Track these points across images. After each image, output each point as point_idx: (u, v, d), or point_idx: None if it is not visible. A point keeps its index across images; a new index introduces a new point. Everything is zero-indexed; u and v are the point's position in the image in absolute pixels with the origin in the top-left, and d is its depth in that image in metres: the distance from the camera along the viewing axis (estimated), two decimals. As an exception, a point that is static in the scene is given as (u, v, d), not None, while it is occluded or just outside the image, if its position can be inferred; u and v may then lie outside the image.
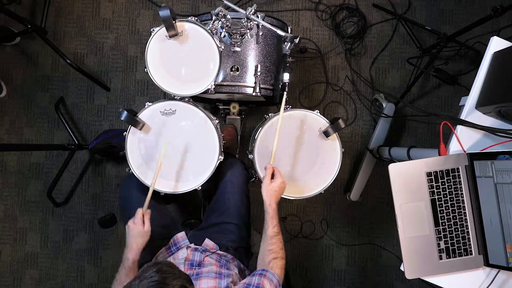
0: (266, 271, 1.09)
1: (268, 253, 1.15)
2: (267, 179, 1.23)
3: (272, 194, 1.21)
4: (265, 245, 1.17)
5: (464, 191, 1.16)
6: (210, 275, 1.09)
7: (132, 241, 1.18)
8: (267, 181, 1.22)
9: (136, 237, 1.18)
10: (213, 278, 1.08)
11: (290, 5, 2.17)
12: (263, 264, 1.15)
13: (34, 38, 2.10)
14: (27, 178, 2.13)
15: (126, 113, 1.25)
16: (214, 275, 1.10)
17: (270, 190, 1.21)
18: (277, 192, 1.22)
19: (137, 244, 1.18)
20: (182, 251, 1.25)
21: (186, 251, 1.24)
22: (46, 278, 2.13)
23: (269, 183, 1.22)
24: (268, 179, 1.23)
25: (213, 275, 1.10)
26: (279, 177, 1.23)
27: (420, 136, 2.16)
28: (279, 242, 1.18)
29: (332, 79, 2.16)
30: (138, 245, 1.18)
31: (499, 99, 1.11)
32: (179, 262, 1.19)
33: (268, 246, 1.16)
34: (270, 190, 1.21)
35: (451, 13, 2.17)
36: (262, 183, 1.23)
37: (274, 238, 1.17)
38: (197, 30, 1.31)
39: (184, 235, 1.37)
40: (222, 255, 1.28)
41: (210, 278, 1.08)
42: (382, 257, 2.14)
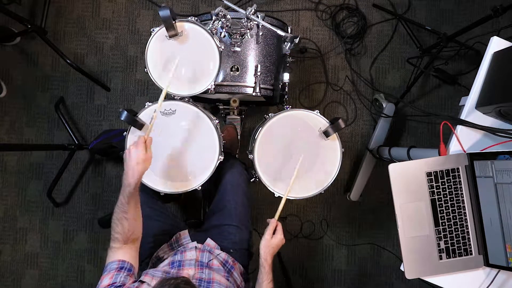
0: None
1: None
2: (268, 234, 1.22)
3: (271, 250, 1.21)
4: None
5: (464, 191, 1.16)
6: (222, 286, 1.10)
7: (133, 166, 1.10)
8: (268, 236, 1.22)
9: (138, 163, 1.10)
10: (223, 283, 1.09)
11: (290, 5, 2.17)
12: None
13: (34, 38, 2.10)
14: (27, 178, 2.13)
15: (126, 113, 1.25)
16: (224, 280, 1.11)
17: (269, 245, 1.21)
18: (275, 248, 1.22)
19: (138, 169, 1.10)
20: (191, 252, 1.24)
21: (195, 253, 1.24)
22: (46, 278, 2.13)
23: (270, 238, 1.22)
24: (270, 234, 1.23)
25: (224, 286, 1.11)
26: (280, 233, 1.23)
27: (420, 136, 2.16)
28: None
29: (332, 79, 2.16)
30: (140, 170, 1.10)
31: (499, 99, 1.11)
32: (189, 263, 1.19)
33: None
34: (269, 246, 1.21)
35: (451, 13, 2.17)
36: (263, 236, 1.23)
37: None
38: (197, 30, 1.31)
39: (186, 233, 1.38)
40: (225, 260, 1.28)
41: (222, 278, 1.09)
42: (382, 257, 2.14)
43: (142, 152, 1.11)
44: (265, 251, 1.20)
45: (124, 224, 1.12)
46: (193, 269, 1.15)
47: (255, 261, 1.26)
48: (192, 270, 1.14)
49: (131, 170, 1.10)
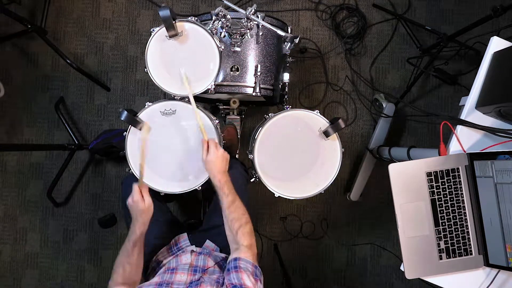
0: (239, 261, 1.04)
1: (232, 223, 1.13)
2: (203, 155, 1.22)
3: (212, 167, 1.20)
4: (226, 218, 1.16)
5: (464, 191, 1.16)
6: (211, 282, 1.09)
7: (138, 217, 1.15)
8: (203, 156, 1.22)
9: (141, 213, 1.15)
10: (213, 285, 1.08)
11: (290, 5, 2.17)
12: (232, 239, 1.13)
13: (34, 38, 2.09)
14: (27, 178, 2.13)
15: (126, 113, 1.25)
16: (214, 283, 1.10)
17: (208, 163, 1.21)
18: (217, 162, 1.20)
19: (143, 219, 1.15)
20: (186, 256, 1.23)
21: (190, 257, 1.23)
22: (46, 278, 2.13)
23: (205, 157, 1.22)
24: (204, 153, 1.23)
25: (213, 283, 1.10)
26: (212, 148, 1.22)
27: (420, 136, 2.16)
28: (239, 208, 1.16)
29: (332, 79, 2.16)
30: (144, 219, 1.15)
31: (499, 99, 1.11)
32: (183, 268, 1.18)
33: (229, 216, 1.15)
34: (208, 164, 1.21)
35: (451, 13, 2.17)
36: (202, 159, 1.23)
37: (231, 206, 1.16)
38: (197, 30, 1.31)
39: (185, 236, 1.37)
40: (223, 259, 1.28)
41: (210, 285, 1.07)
42: (382, 257, 2.14)
43: (141, 204, 1.15)
44: (208, 169, 1.21)
45: (126, 269, 1.14)
46: (185, 274, 1.14)
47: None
48: (184, 275, 1.13)
49: (135, 219, 1.15)
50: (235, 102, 1.78)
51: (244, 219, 1.15)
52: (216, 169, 1.20)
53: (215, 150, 1.22)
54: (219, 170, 1.20)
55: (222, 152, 1.24)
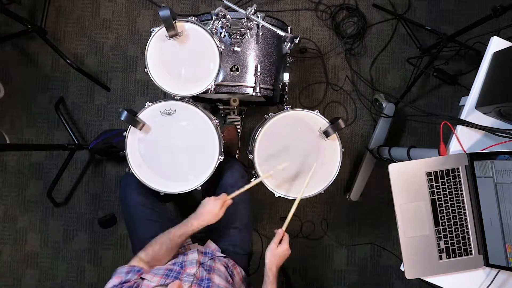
0: None
1: None
2: (275, 243, 1.21)
3: (276, 259, 1.19)
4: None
5: (464, 191, 1.16)
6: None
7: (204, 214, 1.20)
8: (274, 245, 1.20)
9: (209, 214, 1.20)
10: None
11: (290, 5, 2.17)
12: None
13: (34, 38, 2.09)
14: (27, 178, 2.13)
15: (126, 113, 1.25)
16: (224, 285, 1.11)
17: (275, 255, 1.19)
18: (281, 258, 1.20)
19: (206, 219, 1.20)
20: (193, 254, 1.25)
21: (197, 255, 1.24)
22: (46, 278, 2.13)
23: (275, 247, 1.20)
24: (276, 243, 1.21)
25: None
26: (286, 243, 1.21)
27: (420, 136, 2.16)
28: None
29: (332, 79, 2.16)
30: (205, 220, 1.20)
31: (499, 99, 1.11)
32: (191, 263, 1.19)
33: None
34: (275, 255, 1.19)
35: (451, 13, 2.17)
36: (269, 245, 1.21)
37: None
38: (197, 30, 1.31)
39: None
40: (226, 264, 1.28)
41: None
42: (382, 257, 2.14)
43: (217, 207, 1.21)
44: (271, 260, 1.19)
45: (162, 247, 1.18)
46: (195, 267, 1.15)
47: (254, 261, 1.25)
48: (194, 269, 1.15)
49: (200, 215, 1.20)
50: (235, 100, 1.78)
51: None
52: (276, 263, 1.19)
53: (287, 247, 1.21)
54: (278, 265, 1.20)
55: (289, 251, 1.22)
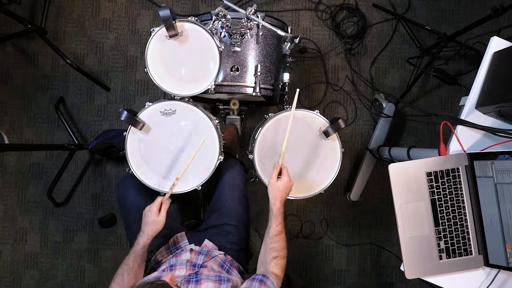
0: (266, 278, 1.07)
1: (270, 251, 1.14)
2: (273, 177, 1.19)
3: (277, 193, 1.18)
4: (267, 242, 1.16)
5: (464, 191, 1.16)
6: (210, 278, 1.09)
7: (145, 227, 1.18)
8: (273, 180, 1.19)
9: (149, 224, 1.18)
10: (213, 281, 1.08)
11: (290, 5, 2.17)
12: (264, 262, 1.14)
13: (34, 38, 2.10)
14: (27, 178, 2.13)
15: (126, 113, 1.25)
16: (214, 278, 1.10)
17: (275, 189, 1.18)
18: (282, 191, 1.18)
19: (149, 230, 1.17)
20: (185, 254, 1.24)
21: (189, 254, 1.24)
22: (46, 278, 2.13)
23: (275, 181, 1.19)
24: (275, 177, 1.19)
25: (212, 278, 1.10)
26: (286, 175, 1.20)
27: (420, 136, 2.16)
28: (282, 241, 1.16)
29: (332, 79, 2.16)
30: (149, 232, 1.17)
31: (499, 99, 1.11)
32: (181, 264, 1.18)
33: (270, 244, 1.15)
34: (275, 189, 1.18)
35: (451, 13, 2.17)
36: (269, 180, 1.20)
37: (277, 236, 1.16)
38: (197, 30, 1.31)
39: (183, 235, 1.37)
40: (224, 261, 1.28)
41: (210, 281, 1.08)
42: (382, 257, 2.14)
43: (154, 214, 1.19)
44: (272, 193, 1.18)
45: (124, 278, 1.16)
46: (184, 269, 1.15)
47: (254, 261, 1.25)
48: (183, 270, 1.14)
49: (142, 232, 1.18)
50: (235, 104, 1.79)
51: (283, 253, 1.16)
52: (279, 196, 1.18)
53: (288, 179, 1.20)
54: (281, 198, 1.19)
55: (291, 183, 1.21)
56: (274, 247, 1.14)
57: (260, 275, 1.08)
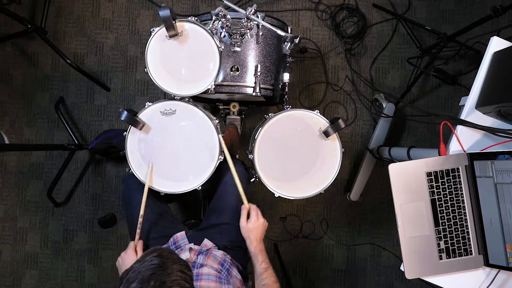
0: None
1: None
2: (242, 221, 1.24)
3: (250, 234, 1.22)
4: (257, 283, 1.18)
5: (464, 191, 1.16)
6: (210, 278, 1.10)
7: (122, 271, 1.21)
8: (243, 223, 1.23)
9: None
10: (214, 281, 1.08)
11: (290, 5, 2.17)
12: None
13: (34, 38, 2.10)
14: (27, 178, 2.13)
15: (126, 113, 1.24)
16: (214, 278, 1.10)
17: (246, 231, 1.22)
18: (254, 231, 1.22)
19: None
20: (184, 254, 1.24)
21: (189, 254, 1.24)
22: (46, 278, 2.13)
23: (245, 224, 1.23)
24: (243, 220, 1.24)
25: (213, 278, 1.10)
26: (254, 215, 1.24)
27: (420, 136, 2.16)
28: (271, 276, 1.18)
29: (332, 79, 2.16)
30: None
31: (499, 99, 1.11)
32: None
33: (260, 282, 1.17)
34: (246, 232, 1.22)
35: (451, 13, 2.17)
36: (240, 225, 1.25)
37: (264, 273, 1.17)
38: (197, 30, 1.31)
39: (183, 235, 1.37)
40: (223, 260, 1.28)
41: (211, 281, 1.08)
42: (382, 257, 2.14)
43: (132, 256, 1.21)
44: (246, 237, 1.22)
45: None
46: None
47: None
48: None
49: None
50: (234, 106, 1.79)
51: (276, 286, 1.17)
52: (253, 237, 1.21)
53: (256, 219, 1.23)
54: (257, 238, 1.21)
55: (262, 221, 1.24)
56: (264, 284, 1.16)
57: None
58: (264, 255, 1.21)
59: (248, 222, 1.24)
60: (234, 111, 1.82)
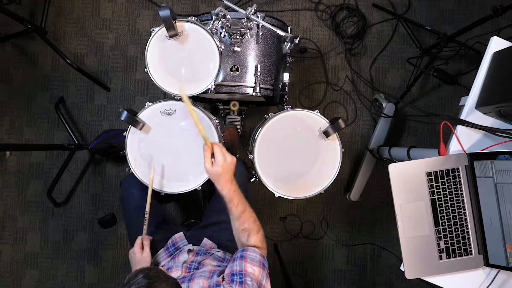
0: (246, 251, 1.04)
1: (242, 233, 1.10)
2: (206, 163, 1.09)
3: (218, 177, 1.08)
4: (236, 227, 1.12)
5: (464, 191, 1.16)
6: (203, 275, 1.08)
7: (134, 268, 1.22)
8: (208, 166, 1.08)
9: (137, 264, 1.22)
10: (206, 277, 1.07)
11: (290, 5, 2.17)
12: (242, 245, 1.12)
13: (34, 38, 2.10)
14: (27, 178, 2.13)
15: (126, 113, 1.25)
16: (207, 274, 1.09)
17: (215, 175, 1.08)
18: (223, 172, 1.07)
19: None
20: (183, 255, 1.24)
21: (187, 256, 1.24)
22: (46, 278, 2.13)
23: (210, 167, 1.08)
24: (208, 162, 1.09)
25: (206, 275, 1.09)
26: (219, 156, 1.08)
27: (420, 136, 2.16)
28: (249, 217, 1.11)
29: (332, 79, 2.16)
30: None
31: (499, 99, 1.11)
32: (177, 265, 1.18)
33: (240, 227, 1.10)
34: (215, 175, 1.08)
35: (451, 13, 2.17)
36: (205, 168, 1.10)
37: (242, 216, 1.10)
38: (197, 30, 1.31)
39: (182, 236, 1.37)
40: (222, 258, 1.28)
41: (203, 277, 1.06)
42: (382, 257, 2.14)
43: (138, 253, 1.23)
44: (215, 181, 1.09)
45: None
46: (179, 270, 1.14)
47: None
48: (178, 272, 1.13)
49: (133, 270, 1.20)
50: (234, 105, 1.79)
51: (256, 227, 1.11)
52: (224, 180, 1.08)
53: (223, 158, 1.08)
54: (227, 180, 1.09)
55: (230, 160, 1.10)
56: (244, 228, 1.10)
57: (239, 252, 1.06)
58: (239, 196, 1.11)
59: (214, 164, 1.08)
60: (234, 110, 1.81)
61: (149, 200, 1.27)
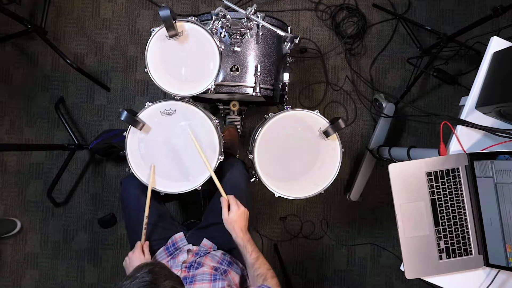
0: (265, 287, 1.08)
1: (258, 278, 1.14)
2: (224, 213, 1.21)
3: (234, 226, 1.19)
4: (251, 273, 1.16)
5: (464, 191, 1.16)
6: (204, 278, 1.09)
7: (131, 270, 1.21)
8: (225, 216, 1.20)
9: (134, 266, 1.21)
10: (208, 281, 1.08)
11: (290, 5, 2.17)
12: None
13: (34, 38, 2.10)
14: (27, 178, 2.13)
15: (126, 113, 1.25)
16: (208, 278, 1.10)
17: (230, 223, 1.19)
18: (238, 221, 1.19)
19: None
20: (182, 255, 1.24)
21: (186, 256, 1.24)
22: (46, 278, 2.13)
23: (227, 216, 1.20)
24: (225, 212, 1.21)
25: (207, 278, 1.10)
26: (234, 205, 1.21)
27: (420, 136, 2.16)
28: (263, 264, 1.16)
29: (332, 79, 2.16)
30: None
31: (499, 99, 1.11)
32: (177, 265, 1.18)
33: (254, 273, 1.15)
34: (230, 223, 1.19)
35: (451, 13, 2.17)
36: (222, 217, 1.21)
37: (256, 263, 1.16)
38: (197, 30, 1.31)
39: (182, 236, 1.37)
40: (222, 259, 1.28)
41: (205, 281, 1.07)
42: (382, 257, 2.14)
43: (139, 256, 1.23)
44: (230, 229, 1.19)
45: None
46: (179, 271, 1.15)
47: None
48: (178, 272, 1.14)
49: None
50: (234, 105, 1.79)
51: (270, 274, 1.15)
52: (238, 228, 1.18)
53: (237, 208, 1.20)
54: (241, 229, 1.19)
55: (243, 209, 1.22)
56: (259, 273, 1.15)
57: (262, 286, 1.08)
58: (253, 245, 1.18)
59: (230, 213, 1.20)
60: (234, 110, 1.81)
61: (148, 205, 1.28)
